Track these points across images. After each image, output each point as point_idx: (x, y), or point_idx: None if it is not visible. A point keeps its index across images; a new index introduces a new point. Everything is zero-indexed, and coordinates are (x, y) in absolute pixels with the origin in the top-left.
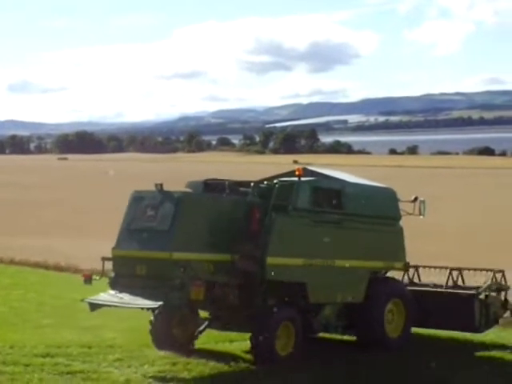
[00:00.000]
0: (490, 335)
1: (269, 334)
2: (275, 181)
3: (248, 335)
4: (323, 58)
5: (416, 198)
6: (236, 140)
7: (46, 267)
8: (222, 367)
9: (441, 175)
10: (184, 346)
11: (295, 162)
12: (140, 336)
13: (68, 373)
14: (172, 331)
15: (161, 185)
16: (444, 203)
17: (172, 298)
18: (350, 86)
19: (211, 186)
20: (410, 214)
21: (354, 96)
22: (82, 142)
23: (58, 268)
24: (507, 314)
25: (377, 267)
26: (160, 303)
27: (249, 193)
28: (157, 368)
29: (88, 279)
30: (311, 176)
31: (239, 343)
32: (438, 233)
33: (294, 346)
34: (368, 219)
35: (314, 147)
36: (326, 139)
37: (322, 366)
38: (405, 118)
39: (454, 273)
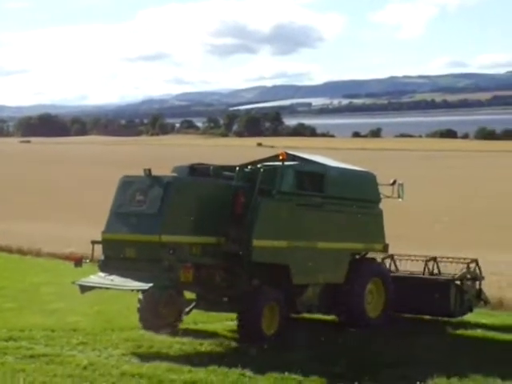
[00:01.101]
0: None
1: (255, 314)
2: (259, 165)
3: (232, 315)
4: (288, 40)
5: (395, 182)
6: (200, 123)
7: (10, 251)
8: (189, 347)
9: (404, 158)
10: (170, 326)
11: (259, 144)
12: (104, 319)
13: (31, 356)
14: (159, 312)
15: (149, 170)
16: (407, 186)
17: (161, 279)
18: (314, 68)
19: (197, 171)
20: (389, 197)
21: (318, 79)
22: (45, 124)
23: (21, 252)
24: (481, 303)
25: (357, 249)
26: (150, 285)
27: (233, 177)
28: (120, 351)
29: (78, 262)
30: (293, 160)
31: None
32: (402, 215)
33: (279, 326)
34: (349, 202)
35: (278, 130)
36: (290, 122)
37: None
38: (368, 101)
39: (430, 263)
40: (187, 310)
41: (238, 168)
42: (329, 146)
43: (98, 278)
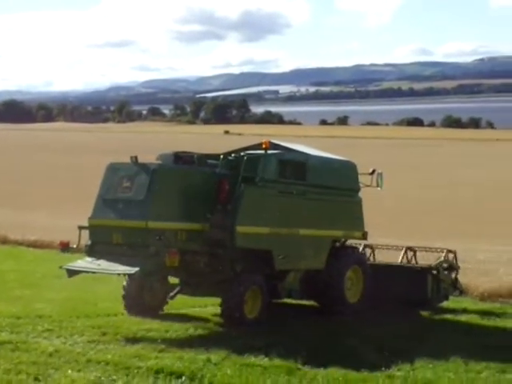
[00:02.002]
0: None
1: (237, 298)
2: (243, 153)
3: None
4: (255, 27)
5: (374, 171)
6: (167, 110)
7: None
8: (156, 334)
9: (370, 146)
10: (154, 310)
11: (226, 132)
12: (70, 306)
13: None
14: (143, 297)
15: (135, 157)
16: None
17: (148, 264)
18: (281, 56)
19: (181, 159)
20: (368, 186)
21: (286, 66)
22: (11, 111)
23: None
24: (456, 292)
25: (338, 236)
26: (137, 269)
27: (217, 165)
28: (86, 338)
29: (65, 248)
30: (276, 149)
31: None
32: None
33: (261, 310)
34: (330, 190)
35: (246, 117)
36: (257, 109)
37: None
38: (335, 89)
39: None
40: (172, 294)
41: (222, 156)
42: (296, 134)
43: (85, 262)
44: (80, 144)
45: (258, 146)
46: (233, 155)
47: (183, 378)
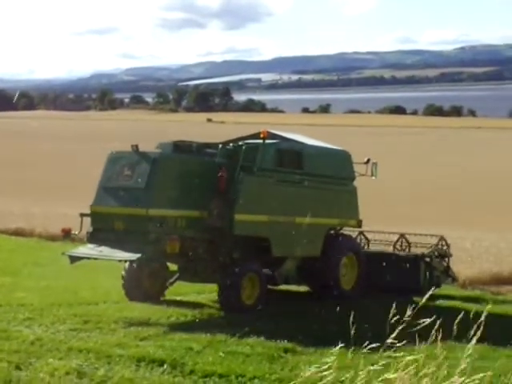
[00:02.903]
0: None
1: (235, 285)
2: (240, 143)
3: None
4: (237, 15)
5: (368, 160)
6: (149, 98)
7: None
8: (137, 322)
9: (353, 134)
10: (154, 297)
11: (209, 120)
12: (51, 295)
13: None
14: (143, 283)
15: (136, 146)
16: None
17: (149, 251)
18: (263, 44)
19: (180, 147)
20: (363, 175)
21: (268, 54)
22: None
23: None
24: (449, 279)
25: (333, 224)
26: (138, 256)
27: (215, 154)
28: (68, 326)
29: (67, 234)
30: (272, 138)
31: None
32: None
33: (258, 296)
34: (326, 179)
35: (228, 105)
36: (240, 97)
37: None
38: (318, 77)
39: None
40: (171, 281)
41: (220, 145)
42: (278, 122)
43: (87, 248)
44: (60, 132)
45: (255, 136)
46: (231, 144)
47: (165, 365)
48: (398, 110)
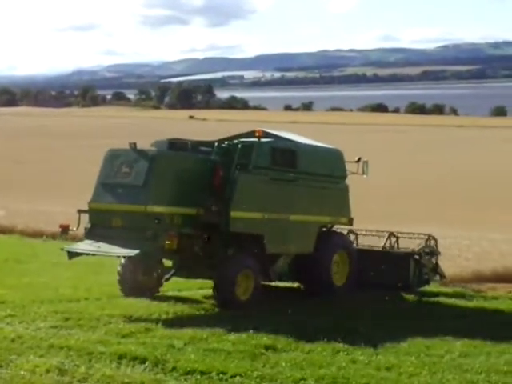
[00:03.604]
0: None
1: (230, 281)
2: (236, 141)
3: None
4: (219, 12)
5: (360, 159)
6: (131, 95)
7: None
8: (118, 319)
9: (335, 131)
10: (149, 292)
11: (191, 117)
12: (32, 292)
13: None
14: (138, 279)
15: (134, 143)
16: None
17: (147, 247)
18: (246, 41)
19: (175, 145)
20: (354, 174)
21: (250, 51)
22: None
23: None
24: (437, 277)
25: (325, 222)
26: (137, 252)
27: (210, 152)
28: (49, 323)
29: (65, 230)
30: (266, 137)
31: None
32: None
33: (253, 293)
34: (318, 177)
35: (210, 102)
36: (222, 95)
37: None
38: (300, 74)
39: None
40: (167, 277)
41: (216, 143)
42: (261, 119)
43: (85, 244)
44: (42, 128)
45: (249, 134)
46: (226, 143)
47: (146, 363)
48: (380, 108)
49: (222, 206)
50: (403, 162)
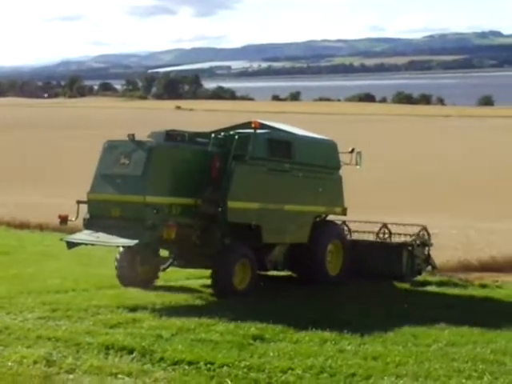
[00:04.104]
0: None
1: (227, 270)
2: (232, 132)
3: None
4: (206, 2)
5: (353, 150)
6: (118, 85)
7: None
8: (106, 310)
9: (323, 121)
10: (147, 282)
11: (178, 107)
12: (19, 283)
13: None
14: (136, 269)
15: (133, 135)
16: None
17: (146, 237)
18: (233, 31)
19: (172, 136)
20: (348, 164)
21: (238, 42)
22: None
23: None
24: (429, 267)
25: (320, 211)
26: (136, 241)
27: (207, 143)
28: (36, 314)
29: (64, 220)
30: (262, 128)
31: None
32: None
33: (250, 281)
34: (313, 168)
35: (198, 93)
36: (210, 85)
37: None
38: (288, 64)
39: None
40: (164, 266)
41: (213, 135)
42: (249, 109)
43: (84, 234)
44: (28, 119)
45: (245, 125)
46: (222, 134)
47: (134, 353)
48: (368, 98)
49: (220, 197)
50: (390, 151)
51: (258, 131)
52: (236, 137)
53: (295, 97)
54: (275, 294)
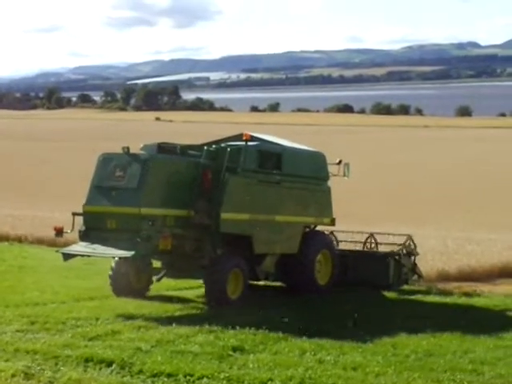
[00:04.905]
0: None
1: (221, 280)
2: (223, 145)
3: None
4: (186, 13)
5: (340, 161)
6: (97, 97)
7: None
8: (85, 322)
9: (301, 132)
10: (140, 292)
11: (157, 118)
12: None
13: None
14: (130, 280)
15: (128, 148)
16: None
17: (142, 248)
18: (212, 42)
19: (164, 149)
20: (335, 176)
21: (216, 53)
22: None
23: None
24: (415, 276)
25: (309, 222)
26: (132, 253)
27: (197, 155)
28: (14, 327)
29: (59, 232)
30: (252, 141)
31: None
32: None
33: (242, 291)
34: (302, 179)
35: (177, 104)
36: (189, 96)
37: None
38: (266, 75)
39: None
40: (159, 277)
41: (205, 147)
42: (227, 121)
43: (80, 246)
44: (6, 131)
45: (236, 138)
46: (214, 146)
47: (113, 365)
48: (346, 109)
49: (212, 208)
50: (369, 162)
51: (249, 143)
52: (228, 149)
53: (274, 108)
54: (254, 304)
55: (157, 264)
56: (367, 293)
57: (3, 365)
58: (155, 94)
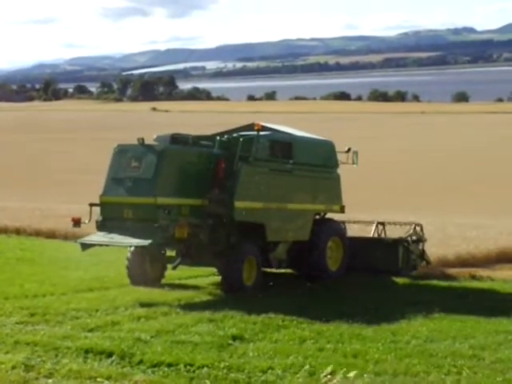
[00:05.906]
0: None
1: (237, 266)
2: (236, 135)
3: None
4: (180, 3)
5: (349, 149)
6: (93, 88)
7: None
8: (84, 314)
9: (299, 120)
10: (155, 280)
11: (154, 109)
12: None
13: None
14: (146, 269)
15: (142, 139)
16: None
17: (158, 237)
18: (207, 31)
19: (177, 140)
20: (344, 163)
21: (212, 42)
22: None
23: None
24: (423, 263)
25: (320, 209)
26: (149, 241)
27: (210, 145)
28: (14, 319)
29: (77, 223)
30: (263, 130)
31: None
32: None
33: (256, 278)
34: (313, 168)
35: (173, 94)
36: (185, 86)
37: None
38: (262, 64)
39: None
40: (175, 264)
41: (218, 138)
42: (224, 110)
43: (98, 236)
44: (3, 122)
45: (248, 127)
46: (226, 136)
47: (113, 356)
48: (343, 96)
49: (226, 197)
50: (367, 149)
51: (261, 133)
52: (240, 139)
53: (271, 96)
54: (254, 292)
55: (171, 253)
56: (367, 278)
57: (3, 357)
58: (151, 85)
